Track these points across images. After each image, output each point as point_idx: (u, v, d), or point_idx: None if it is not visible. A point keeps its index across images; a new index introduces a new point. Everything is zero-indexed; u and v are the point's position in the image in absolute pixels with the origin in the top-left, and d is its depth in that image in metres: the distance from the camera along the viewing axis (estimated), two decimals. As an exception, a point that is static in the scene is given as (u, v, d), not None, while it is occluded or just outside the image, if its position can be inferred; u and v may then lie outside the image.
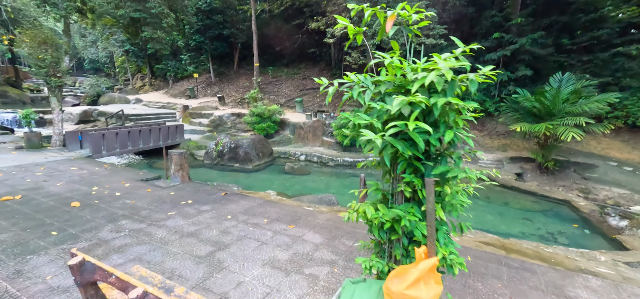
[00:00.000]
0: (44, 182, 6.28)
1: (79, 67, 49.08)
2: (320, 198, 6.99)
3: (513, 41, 13.87)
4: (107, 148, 10.30)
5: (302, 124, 14.72)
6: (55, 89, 10.70)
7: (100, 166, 8.00)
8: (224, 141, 11.97)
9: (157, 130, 12.41)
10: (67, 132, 10.14)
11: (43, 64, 10.12)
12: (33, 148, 9.68)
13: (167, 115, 19.90)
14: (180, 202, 5.32)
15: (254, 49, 21.38)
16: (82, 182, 6.40)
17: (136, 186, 6.26)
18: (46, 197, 5.36)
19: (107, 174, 7.12)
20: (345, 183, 10.49)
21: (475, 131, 14.63)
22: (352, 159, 12.06)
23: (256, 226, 4.40)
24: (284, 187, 9.76)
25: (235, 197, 5.78)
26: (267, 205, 5.40)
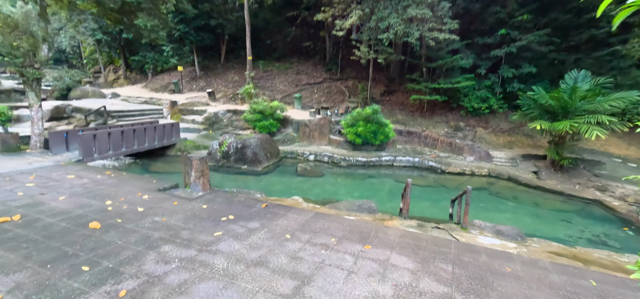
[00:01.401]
0: (42, 195, 5.24)
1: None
2: (359, 205, 6.45)
3: (518, 38, 13.96)
4: (99, 150, 9.10)
5: (307, 121, 14.05)
6: (32, 83, 9.30)
7: (100, 172, 6.94)
8: (230, 141, 11.06)
9: (152, 129, 11.24)
10: (51, 132, 8.82)
11: (18, 53, 8.71)
12: (9, 151, 8.31)
13: (153, 111, 18.39)
14: (221, 219, 4.57)
15: (247, 41, 20.27)
16: (88, 194, 5.41)
17: (156, 198, 5.38)
18: (53, 216, 4.39)
19: (114, 183, 6.13)
20: (366, 185, 10.02)
21: (480, 128, 14.69)
22: (366, 159, 11.61)
23: (327, 248, 3.78)
24: (303, 192, 9.12)
25: (277, 209, 5.10)
26: (320, 219, 4.78)
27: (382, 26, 11.66)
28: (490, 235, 5.40)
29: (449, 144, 12.64)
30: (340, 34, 12.67)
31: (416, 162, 11.52)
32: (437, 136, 13.10)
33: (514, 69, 14.19)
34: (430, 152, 12.65)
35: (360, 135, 12.05)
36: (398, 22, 11.19)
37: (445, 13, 12.04)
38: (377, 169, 11.55)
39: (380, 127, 12.06)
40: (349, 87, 19.92)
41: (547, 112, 10.62)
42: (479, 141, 13.65)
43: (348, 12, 12.76)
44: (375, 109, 11.94)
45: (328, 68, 22.37)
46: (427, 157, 11.84)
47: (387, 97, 18.11)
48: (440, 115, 15.72)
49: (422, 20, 11.40)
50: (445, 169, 10.86)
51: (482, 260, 3.68)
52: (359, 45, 13.34)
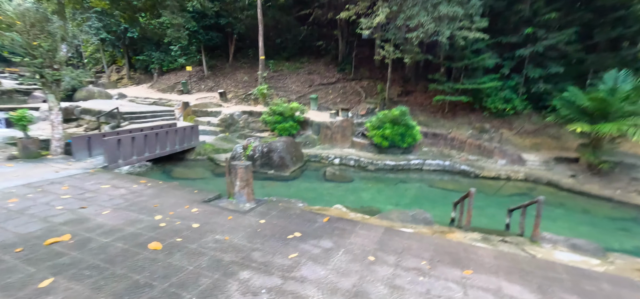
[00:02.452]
0: (83, 210, 4.81)
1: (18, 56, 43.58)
2: (413, 216, 6.07)
3: (545, 37, 13.62)
4: (123, 156, 8.66)
5: (329, 123, 13.66)
6: (52, 84, 8.83)
7: (134, 181, 6.51)
8: (255, 145, 10.65)
9: (173, 133, 10.81)
10: (75, 137, 8.36)
11: (37, 53, 8.24)
12: (30, 157, 7.85)
13: (165, 113, 17.92)
14: (287, 237, 4.17)
15: (260, 40, 19.81)
16: (132, 207, 4.98)
17: (206, 212, 4.97)
18: (105, 235, 3.97)
19: (154, 194, 5.71)
20: (398, 191, 9.65)
21: (504, 129, 14.36)
22: (394, 163, 11.24)
23: (423, 273, 3.40)
24: (338, 199, 8.74)
25: (341, 224, 4.71)
26: (394, 235, 4.39)
27: (411, 25, 11.27)
28: (566, 250, 5.05)
29: (478, 146, 12.29)
30: (366, 32, 12.27)
31: (446, 166, 11.16)
32: (464, 138, 12.75)
33: (540, 69, 13.85)
34: (458, 155, 12.30)
35: (387, 138, 11.67)
36: (428, 20, 10.81)
37: (476, 11, 11.68)
38: (406, 173, 11.18)
39: (408, 129, 11.69)
40: (364, 87, 19.53)
41: (584, 113, 10.29)
42: (505, 143, 13.32)
43: (372, 11, 12.35)
44: (403, 111, 11.57)
45: (341, 68, 21.96)
46: (456, 160, 11.49)
47: (405, 98, 17.74)
48: (462, 116, 15.37)
49: (452, 19, 11.03)
50: (479, 173, 10.51)
51: (605, 289, 3.31)
52: (383, 45, 12.92)
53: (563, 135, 13.88)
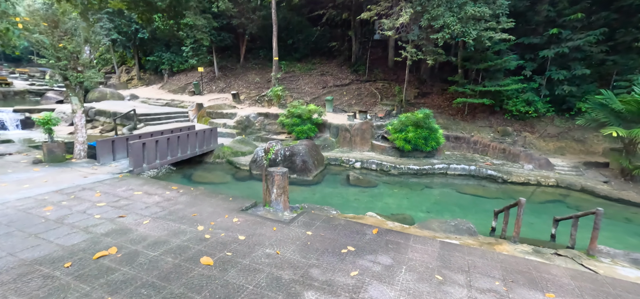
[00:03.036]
0: (121, 219, 4.63)
1: (41, 57, 43.85)
2: (456, 226, 5.82)
3: (569, 38, 13.28)
4: (148, 160, 8.51)
5: (348, 126, 13.43)
6: (75, 87, 8.72)
7: (166, 187, 6.33)
8: (277, 148, 10.46)
9: (193, 136, 10.65)
10: (100, 141, 8.23)
11: (62, 55, 8.12)
12: (55, 161, 7.73)
13: (179, 114, 17.84)
14: (341, 251, 3.95)
15: (273, 41, 19.68)
16: (171, 217, 4.80)
17: (248, 222, 4.77)
18: (151, 248, 3.79)
19: (189, 202, 5.52)
20: (426, 197, 9.38)
21: (526, 133, 14.03)
22: (418, 167, 10.97)
23: (502, 297, 3.16)
24: (365, 205, 8.51)
25: (392, 236, 4.48)
26: (453, 250, 4.15)
27: (435, 25, 11.00)
28: (628, 265, 4.77)
29: (502, 150, 11.99)
30: (388, 33, 12.02)
31: (472, 170, 10.87)
32: (488, 142, 12.45)
33: (565, 71, 13.51)
34: (482, 159, 12.00)
35: (410, 141, 11.41)
36: (454, 21, 10.54)
37: (503, 10, 11.37)
38: (430, 178, 10.92)
39: (432, 133, 11.42)
40: (379, 89, 19.27)
41: (617, 117, 9.96)
42: (528, 147, 13.00)
43: (394, 11, 12.10)
44: (427, 114, 11.30)
45: (354, 69, 21.72)
46: (481, 164, 11.20)
47: (422, 100, 17.45)
48: (482, 119, 15.06)
49: (478, 19, 10.75)
50: (507, 178, 10.21)
51: None
52: (405, 46, 12.66)
53: (588, 139, 13.53)
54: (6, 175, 6.46)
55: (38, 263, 3.37)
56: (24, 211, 4.74)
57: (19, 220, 4.41)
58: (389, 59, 22.15)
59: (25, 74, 35.65)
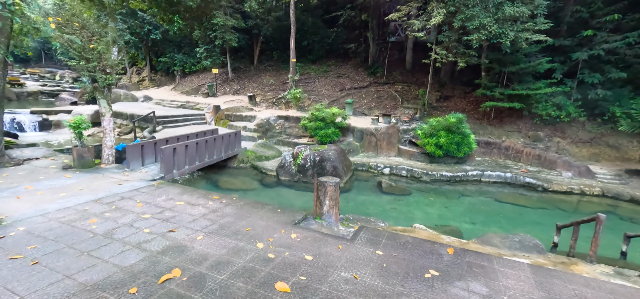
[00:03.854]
0: (172, 233, 4.30)
1: (48, 58, 43.80)
2: (520, 241, 5.40)
3: (605, 40, 12.78)
4: (177, 166, 8.20)
5: (373, 130, 13.04)
6: (104, 89, 8.44)
7: (206, 196, 6.00)
8: (306, 153, 10.11)
9: (220, 140, 10.34)
10: (129, 146, 7.93)
11: (91, 56, 7.84)
12: (85, 167, 7.44)
13: (196, 116, 17.57)
14: (424, 275, 3.57)
15: (291, 42, 19.40)
16: (224, 231, 4.45)
17: (308, 238, 4.41)
18: (215, 269, 3.44)
19: (236, 213, 5.18)
20: (465, 206, 8.96)
21: (558, 138, 13.54)
22: (451, 174, 10.55)
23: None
24: (406, 215, 8.12)
25: (473, 258, 4.09)
26: (549, 276, 3.75)
27: (470, 26, 10.60)
28: None
29: (537, 156, 11.52)
30: (419, 35, 11.63)
31: (508, 178, 10.43)
32: (521, 147, 12.00)
33: (599, 74, 13.01)
34: (515, 165, 11.55)
35: (441, 147, 11.00)
36: (491, 21, 10.13)
37: (542, 11, 10.94)
38: (464, 185, 10.49)
39: (464, 138, 11.00)
40: (399, 92, 18.87)
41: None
42: (562, 153, 12.52)
43: (424, 11, 11.72)
44: (460, 118, 10.89)
45: (371, 71, 21.33)
46: (516, 171, 10.75)
47: (444, 104, 17.02)
48: (510, 123, 14.59)
49: (515, 20, 10.33)
50: (547, 186, 9.76)
51: None
52: (434, 48, 12.25)
53: (622, 145, 13.01)
54: (39, 182, 6.17)
55: (100, 288, 3.03)
56: (68, 224, 4.42)
57: (66, 235, 4.09)
58: (407, 61, 21.75)
59: (36, 74, 35.72)
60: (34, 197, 5.33)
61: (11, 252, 3.59)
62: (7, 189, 5.65)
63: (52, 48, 42.39)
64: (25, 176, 6.46)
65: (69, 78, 35.13)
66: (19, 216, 4.56)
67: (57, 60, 42.36)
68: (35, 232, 4.13)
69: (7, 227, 4.21)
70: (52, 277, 3.15)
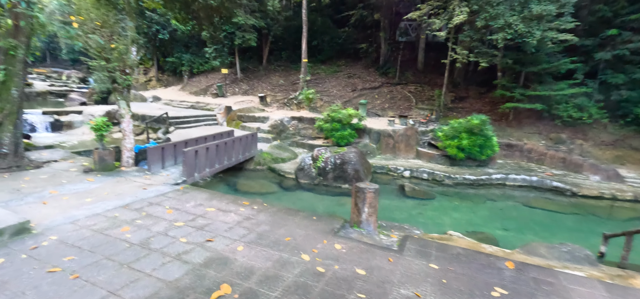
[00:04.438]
0: (211, 243, 4.07)
1: (53, 58, 43.83)
2: (569, 252, 5.12)
3: (629, 39, 12.43)
4: (199, 169, 7.98)
5: (391, 132, 12.79)
6: (123, 90, 8.23)
7: (236, 202, 5.77)
8: (326, 156, 9.87)
9: (238, 142, 10.12)
10: (151, 149, 7.73)
11: (112, 56, 7.64)
12: (106, 170, 7.24)
13: (207, 117, 17.39)
14: (490, 293, 3.31)
15: (303, 42, 19.21)
16: (263, 241, 4.22)
17: (354, 249, 4.17)
18: (266, 285, 3.20)
19: (271, 221, 4.95)
20: (493, 211, 8.68)
21: (579, 140, 13.20)
22: (474, 177, 10.27)
23: None
24: (434, 220, 7.85)
25: (536, 273, 3.83)
26: (624, 294, 3.49)
27: (495, 25, 10.31)
28: None
29: (562, 159, 11.22)
30: (441, 34, 11.37)
31: (534, 181, 10.14)
32: (544, 150, 11.69)
33: (623, 75, 12.67)
34: (539, 168, 11.24)
35: (464, 149, 10.72)
36: (517, 20, 9.84)
37: (569, 9, 10.63)
38: (487, 189, 10.21)
39: (487, 140, 10.72)
40: (412, 92, 18.59)
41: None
42: (586, 156, 12.19)
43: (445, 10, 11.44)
44: (483, 120, 10.61)
45: (383, 72, 21.07)
46: (541, 174, 10.46)
47: (460, 104, 16.73)
48: (529, 125, 14.27)
49: (540, 18, 10.03)
50: (576, 191, 9.46)
51: None
52: (455, 47, 11.96)
53: (648, 147, 12.66)
54: (62, 186, 5.97)
55: (149, 307, 2.81)
56: (100, 232, 4.20)
57: (101, 245, 3.87)
58: (419, 61, 21.47)
59: (43, 74, 35.70)
60: (60, 203, 5.13)
61: (48, 264, 3.38)
62: (31, 193, 5.45)
63: (56, 48, 42.49)
64: (47, 180, 6.27)
65: (76, 78, 35.11)
66: (49, 224, 4.35)
67: (62, 60, 42.44)
68: (69, 241, 3.91)
69: (38, 236, 4.00)
70: (96, 294, 2.93)
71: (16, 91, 6.88)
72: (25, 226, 4.01)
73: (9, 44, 6.58)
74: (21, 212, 4.57)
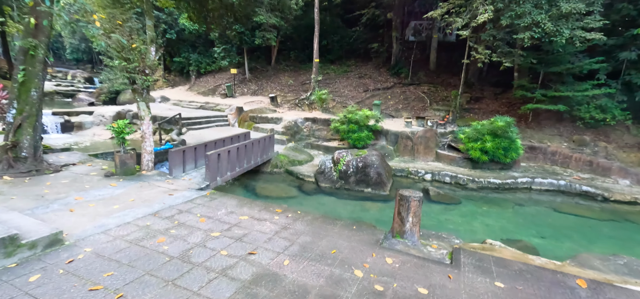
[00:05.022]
0: (253, 257, 3.81)
1: (56, 58, 43.66)
2: (627, 264, 4.83)
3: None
4: (221, 172, 7.74)
5: (409, 133, 12.50)
6: (143, 92, 7.99)
7: (267, 208, 5.51)
8: (348, 159, 9.60)
9: (257, 144, 9.87)
10: (172, 152, 7.48)
11: (133, 56, 7.39)
12: (128, 174, 7.00)
13: (218, 118, 17.17)
14: (567, 313, 3.03)
15: (315, 42, 18.96)
16: (309, 255, 3.96)
17: (405, 264, 3.90)
18: (328, 308, 2.93)
19: (310, 231, 4.68)
20: (523, 216, 8.38)
21: (602, 142, 12.85)
22: (500, 181, 9.97)
23: None
24: (468, 227, 7.56)
25: (610, 292, 3.54)
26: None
27: (521, 24, 9.99)
28: None
29: (588, 162, 10.89)
30: (464, 33, 11.06)
31: (562, 186, 9.82)
32: (569, 153, 11.37)
33: (650, 75, 12.32)
34: (564, 172, 10.92)
35: (487, 152, 10.42)
36: (545, 18, 9.53)
37: (597, 8, 10.30)
38: (513, 193, 9.91)
39: (512, 143, 10.41)
40: (425, 93, 18.28)
41: None
42: (611, 159, 11.86)
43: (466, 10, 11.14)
44: (508, 122, 10.31)
45: (395, 72, 20.76)
46: (568, 178, 10.14)
47: (476, 105, 16.41)
48: (549, 126, 13.94)
49: (568, 16, 9.71)
50: (608, 196, 9.14)
51: None
52: (476, 47, 11.65)
53: (673, 150, 12.28)
54: (86, 192, 5.73)
55: (207, 333, 2.55)
56: (136, 244, 3.95)
57: (139, 258, 3.62)
58: (431, 61, 21.16)
59: (49, 74, 35.58)
60: (87, 210, 4.88)
61: (88, 281, 3.13)
62: (56, 200, 5.21)
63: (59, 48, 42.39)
64: (69, 185, 6.03)
65: (81, 78, 34.98)
66: (80, 234, 4.10)
67: (66, 60, 42.33)
68: (105, 254, 3.66)
69: (72, 247, 3.75)
70: (147, 317, 2.68)
71: (36, 92, 6.65)
72: (58, 237, 3.76)
73: (29, 44, 6.35)
74: (49, 221, 4.33)
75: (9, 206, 4.70)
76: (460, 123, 14.36)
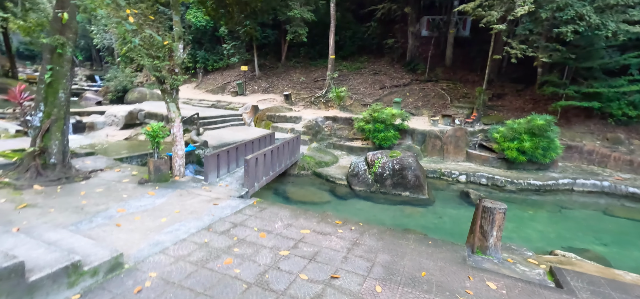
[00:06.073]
0: (338, 281, 3.37)
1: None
2: None
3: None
4: (257, 177, 7.29)
5: (437, 132, 12.05)
6: (172, 92, 7.50)
7: (324, 220, 5.06)
8: (383, 161, 9.15)
9: (287, 146, 9.41)
10: (206, 156, 7.02)
11: (162, 54, 6.90)
12: (162, 181, 6.53)
13: (233, 117, 16.68)
14: None
15: (330, 38, 18.44)
16: (398, 278, 3.52)
17: (511, 288, 3.46)
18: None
19: (387, 248, 4.24)
20: (573, 221, 7.98)
21: (636, 140, 12.44)
22: (540, 182, 9.55)
23: None
24: (522, 235, 7.14)
25: None
26: None
27: (564, 17, 9.51)
28: None
29: (628, 162, 10.49)
30: (500, 28, 10.58)
31: (606, 187, 9.43)
32: (607, 152, 10.96)
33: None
34: (603, 171, 10.52)
35: (525, 152, 9.99)
36: (590, 11, 9.06)
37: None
38: (554, 195, 9.50)
39: (551, 142, 9.98)
40: (444, 89, 17.81)
41: None
42: None
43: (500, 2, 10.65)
44: (548, 120, 9.89)
45: (410, 68, 20.26)
46: (610, 179, 9.74)
47: (498, 102, 15.96)
48: (579, 124, 13.50)
49: (612, 8, 9.25)
50: (657, 197, 8.74)
51: None
52: (510, 42, 11.17)
53: None
54: (125, 202, 5.26)
55: None
56: (203, 266, 3.50)
57: (213, 285, 3.17)
58: (447, 57, 20.67)
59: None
60: (135, 225, 4.42)
61: (168, 319, 2.68)
62: (97, 212, 4.74)
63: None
64: (105, 194, 5.56)
65: (82, 76, 34.29)
66: (137, 254, 3.65)
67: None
68: (173, 280, 3.21)
69: (133, 272, 3.29)
70: None
71: (64, 93, 6.16)
72: (118, 260, 3.31)
73: (57, 41, 5.85)
74: (98, 238, 3.88)
75: (50, 221, 4.24)
76: (485, 121, 13.92)
